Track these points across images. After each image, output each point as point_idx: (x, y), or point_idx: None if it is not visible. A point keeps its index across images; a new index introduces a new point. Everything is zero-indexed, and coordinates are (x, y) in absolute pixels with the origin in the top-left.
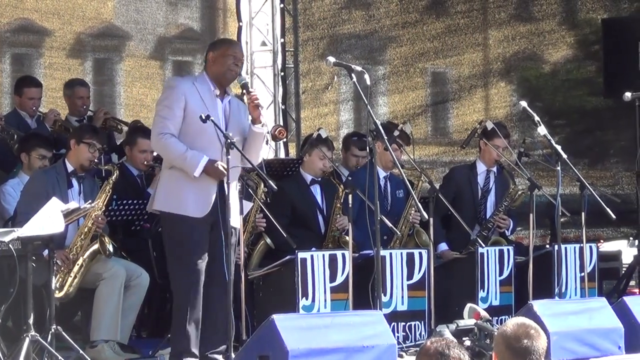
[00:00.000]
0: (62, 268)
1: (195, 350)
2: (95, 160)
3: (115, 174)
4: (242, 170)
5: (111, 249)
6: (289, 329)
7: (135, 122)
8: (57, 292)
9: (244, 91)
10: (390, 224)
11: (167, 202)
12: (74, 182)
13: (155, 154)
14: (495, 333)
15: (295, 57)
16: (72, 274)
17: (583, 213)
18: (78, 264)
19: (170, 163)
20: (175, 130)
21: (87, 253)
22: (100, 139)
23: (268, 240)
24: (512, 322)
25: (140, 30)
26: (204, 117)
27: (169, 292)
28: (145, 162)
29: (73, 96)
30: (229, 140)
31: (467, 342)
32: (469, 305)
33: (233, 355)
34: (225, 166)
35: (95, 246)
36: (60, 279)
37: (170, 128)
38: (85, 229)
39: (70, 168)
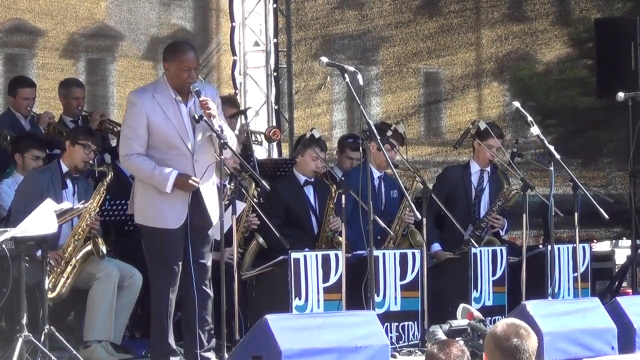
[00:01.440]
0: (55, 268)
1: (174, 347)
2: (90, 162)
3: (110, 175)
4: (235, 171)
5: (104, 250)
6: (282, 329)
7: None
8: (49, 292)
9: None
10: (383, 224)
11: (143, 215)
12: (69, 183)
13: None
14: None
15: (288, 57)
16: (65, 275)
17: (576, 213)
18: (71, 265)
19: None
20: (141, 148)
21: (81, 254)
22: (95, 141)
23: (260, 240)
24: (502, 322)
25: (133, 31)
26: (197, 118)
27: None
28: None
29: (69, 96)
30: (221, 141)
31: (461, 342)
32: (462, 305)
33: (226, 356)
34: (197, 179)
35: (89, 247)
36: (53, 280)
37: (135, 148)
38: (79, 230)
39: (64, 169)
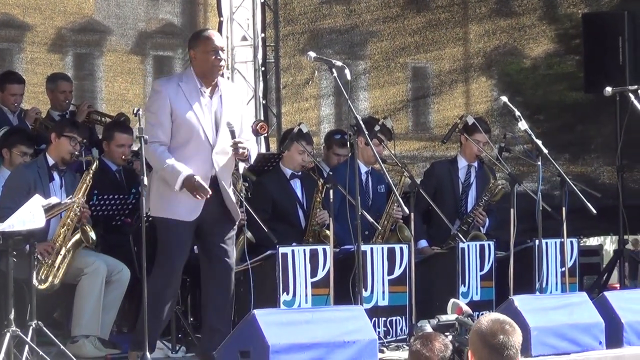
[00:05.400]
0: (46, 260)
1: (154, 344)
2: (76, 153)
3: (95, 164)
4: None
5: (94, 236)
6: (270, 324)
7: (120, 115)
8: (42, 284)
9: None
10: (371, 219)
11: (158, 207)
12: (56, 175)
13: (134, 147)
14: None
15: (276, 51)
16: (56, 265)
17: (564, 208)
18: (61, 255)
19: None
20: (165, 137)
21: (70, 243)
22: (80, 132)
23: (249, 235)
24: (487, 319)
25: (121, 25)
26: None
27: None
28: (123, 157)
29: (56, 90)
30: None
31: (449, 338)
32: (452, 300)
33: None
34: (207, 189)
35: (78, 236)
36: (45, 271)
37: (159, 136)
38: (68, 220)
39: (51, 162)
